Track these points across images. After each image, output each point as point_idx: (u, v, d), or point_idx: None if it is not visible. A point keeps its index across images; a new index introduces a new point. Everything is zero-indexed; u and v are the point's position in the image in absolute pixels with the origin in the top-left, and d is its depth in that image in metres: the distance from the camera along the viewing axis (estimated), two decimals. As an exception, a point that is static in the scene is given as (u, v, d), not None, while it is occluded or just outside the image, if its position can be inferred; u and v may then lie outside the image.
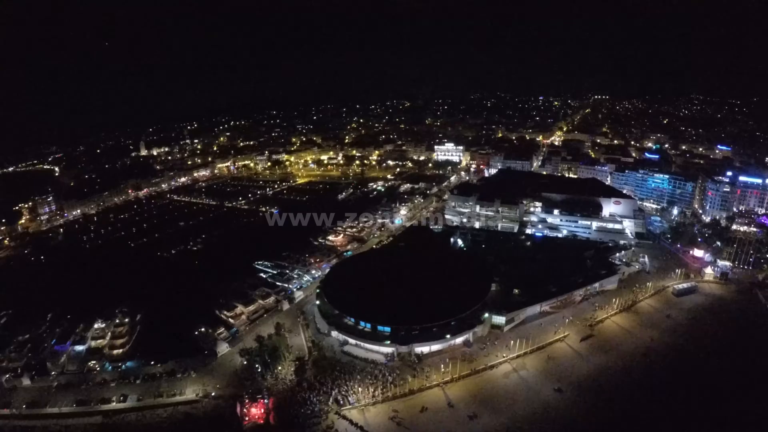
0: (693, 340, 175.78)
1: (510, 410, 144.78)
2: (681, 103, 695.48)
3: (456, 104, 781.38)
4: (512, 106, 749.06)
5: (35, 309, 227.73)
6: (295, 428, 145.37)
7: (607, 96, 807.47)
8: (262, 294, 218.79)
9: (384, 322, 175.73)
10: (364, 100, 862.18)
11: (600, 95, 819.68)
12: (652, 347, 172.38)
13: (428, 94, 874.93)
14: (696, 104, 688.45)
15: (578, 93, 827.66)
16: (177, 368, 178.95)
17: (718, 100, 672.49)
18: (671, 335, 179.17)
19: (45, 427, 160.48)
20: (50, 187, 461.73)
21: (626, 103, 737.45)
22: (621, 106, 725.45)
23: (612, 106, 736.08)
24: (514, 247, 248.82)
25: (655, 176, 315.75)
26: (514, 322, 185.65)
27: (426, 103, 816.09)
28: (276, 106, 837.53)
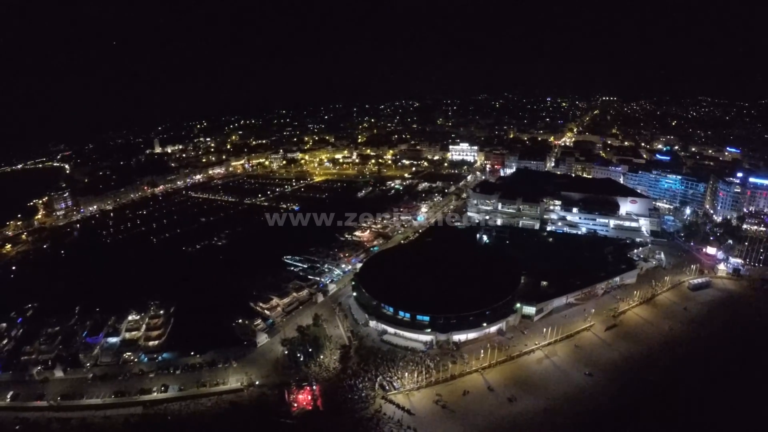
0: (708, 330, 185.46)
1: (545, 393, 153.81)
2: (689, 105, 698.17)
3: (465, 105, 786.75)
4: (521, 107, 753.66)
5: (61, 302, 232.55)
6: (344, 413, 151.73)
7: (615, 97, 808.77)
8: (296, 287, 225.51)
9: (423, 311, 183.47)
10: (372, 100, 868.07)
11: (607, 96, 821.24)
12: (671, 336, 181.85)
13: (437, 94, 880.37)
14: (704, 106, 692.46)
15: (585, 94, 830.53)
16: (217, 358, 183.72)
17: (726, 102, 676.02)
18: (688, 326, 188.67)
19: (83, 419, 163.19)
20: (64, 183, 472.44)
21: (634, 105, 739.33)
22: (629, 108, 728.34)
23: (620, 108, 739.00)
24: (538, 243, 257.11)
25: (668, 177, 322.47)
26: (543, 312, 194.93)
27: (435, 103, 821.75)
28: (285, 105, 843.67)
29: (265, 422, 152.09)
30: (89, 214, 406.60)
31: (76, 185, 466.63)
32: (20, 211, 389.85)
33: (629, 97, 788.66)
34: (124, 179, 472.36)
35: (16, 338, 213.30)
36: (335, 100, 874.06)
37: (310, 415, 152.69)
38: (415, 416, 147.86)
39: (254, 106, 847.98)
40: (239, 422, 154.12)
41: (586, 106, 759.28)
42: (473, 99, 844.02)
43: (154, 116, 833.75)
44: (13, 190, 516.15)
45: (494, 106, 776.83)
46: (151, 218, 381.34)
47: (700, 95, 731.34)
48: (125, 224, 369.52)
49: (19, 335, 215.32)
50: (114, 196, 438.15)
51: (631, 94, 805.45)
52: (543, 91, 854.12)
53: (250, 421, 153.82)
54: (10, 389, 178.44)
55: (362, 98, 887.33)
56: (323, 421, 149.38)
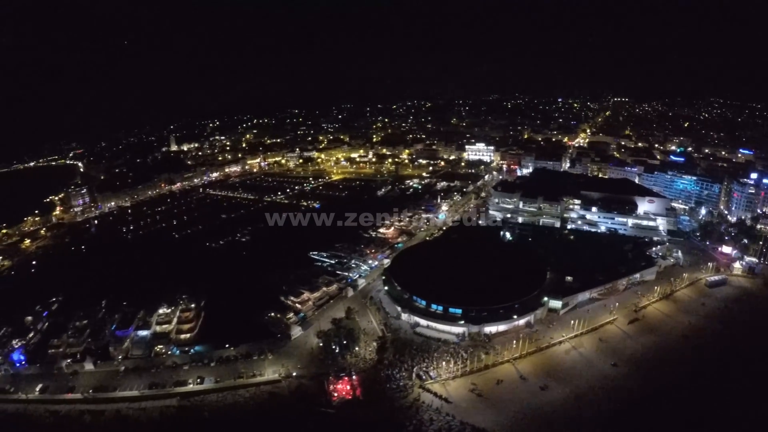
0: (726, 324, 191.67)
1: (574, 382, 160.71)
2: (701, 106, 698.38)
3: (477, 105, 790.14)
4: (532, 107, 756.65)
5: (86, 296, 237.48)
6: (383, 402, 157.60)
7: (626, 98, 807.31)
8: (326, 281, 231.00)
9: (455, 304, 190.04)
10: (384, 100, 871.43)
11: (619, 97, 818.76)
12: (690, 330, 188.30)
13: (448, 94, 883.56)
14: (716, 107, 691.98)
15: (596, 95, 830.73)
16: (252, 351, 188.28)
17: (738, 104, 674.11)
18: (707, 320, 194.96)
19: (117, 411, 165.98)
20: (81, 180, 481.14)
21: (646, 106, 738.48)
22: (640, 109, 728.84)
23: (632, 109, 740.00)
24: (559, 240, 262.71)
25: (683, 178, 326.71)
26: (569, 306, 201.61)
27: (446, 104, 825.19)
28: (296, 105, 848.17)
29: (305, 412, 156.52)
30: (107, 211, 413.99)
31: (93, 182, 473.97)
32: (37, 207, 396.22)
33: (640, 98, 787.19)
34: (141, 177, 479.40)
35: (42, 331, 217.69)
36: (346, 100, 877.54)
37: (350, 404, 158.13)
38: (452, 404, 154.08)
39: (265, 105, 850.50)
40: (279, 412, 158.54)
41: (598, 106, 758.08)
42: (485, 99, 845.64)
43: (166, 115, 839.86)
44: (29, 187, 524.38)
45: (506, 107, 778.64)
46: (170, 215, 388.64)
47: (711, 96, 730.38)
48: (144, 220, 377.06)
49: (44, 328, 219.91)
50: (131, 193, 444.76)
51: (642, 95, 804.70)
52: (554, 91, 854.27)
53: (291, 410, 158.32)
54: (39, 382, 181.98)
55: (373, 98, 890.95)
56: (363, 410, 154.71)
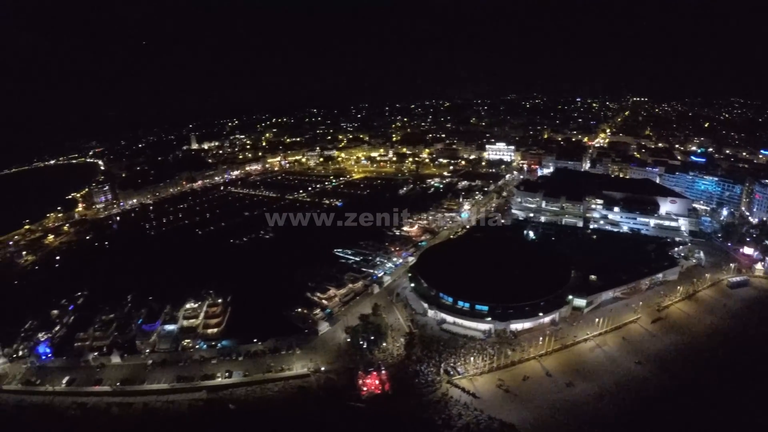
0: (747, 324, 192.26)
1: (599, 379, 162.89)
2: (721, 106, 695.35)
3: (495, 105, 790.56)
4: (551, 107, 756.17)
5: (111, 290, 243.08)
6: (412, 396, 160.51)
7: (646, 98, 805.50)
8: (351, 278, 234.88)
9: (482, 301, 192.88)
10: (402, 99, 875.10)
11: (638, 97, 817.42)
12: (713, 329, 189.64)
13: (466, 94, 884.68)
14: (736, 107, 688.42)
15: (615, 95, 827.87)
16: (280, 346, 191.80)
17: (759, 104, 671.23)
18: (729, 320, 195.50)
19: (145, 404, 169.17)
20: (103, 177, 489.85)
21: (665, 106, 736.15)
22: (660, 109, 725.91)
23: (651, 109, 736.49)
24: (582, 239, 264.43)
25: (704, 178, 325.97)
26: (593, 305, 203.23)
27: (465, 103, 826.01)
28: (315, 104, 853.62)
29: (335, 405, 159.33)
30: (129, 208, 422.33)
31: (115, 180, 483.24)
32: (59, 204, 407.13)
33: (660, 97, 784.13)
34: (163, 174, 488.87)
35: (68, 325, 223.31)
36: (364, 100, 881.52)
37: (380, 399, 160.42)
38: (480, 399, 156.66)
39: (284, 104, 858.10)
40: (309, 406, 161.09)
41: (617, 106, 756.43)
42: (503, 99, 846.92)
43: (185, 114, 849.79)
44: (50, 184, 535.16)
45: (524, 106, 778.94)
46: (192, 212, 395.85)
47: (732, 96, 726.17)
48: (167, 217, 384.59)
49: (70, 322, 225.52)
50: (153, 190, 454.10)
51: (661, 94, 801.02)
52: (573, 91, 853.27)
53: (320, 404, 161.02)
54: (65, 374, 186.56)
55: (392, 98, 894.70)
56: (393, 404, 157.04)
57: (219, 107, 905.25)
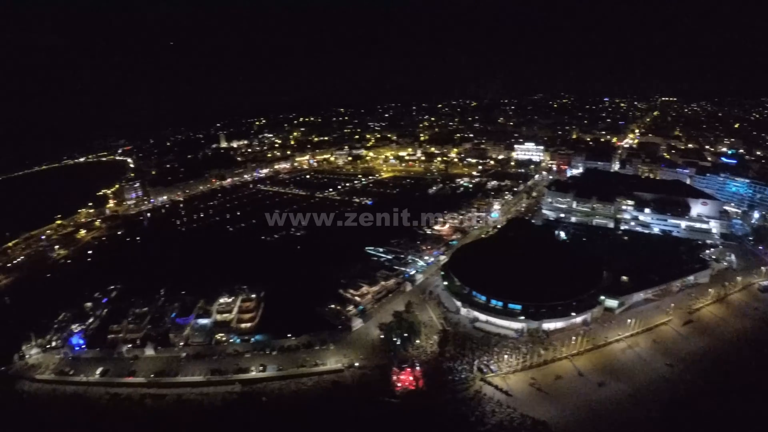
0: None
1: (631, 379, 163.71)
2: (751, 107, 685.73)
3: (523, 105, 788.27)
4: (579, 107, 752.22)
5: (144, 284, 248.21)
6: (445, 393, 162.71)
7: (674, 98, 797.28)
8: (384, 276, 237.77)
9: (515, 300, 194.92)
10: (427, 99, 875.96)
11: (666, 97, 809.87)
12: (744, 333, 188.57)
13: (493, 94, 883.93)
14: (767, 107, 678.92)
15: (644, 94, 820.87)
16: (313, 341, 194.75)
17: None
18: (760, 324, 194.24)
19: (179, 395, 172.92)
20: (133, 175, 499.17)
21: (695, 106, 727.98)
22: (689, 109, 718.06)
23: (680, 109, 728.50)
24: (614, 240, 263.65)
25: (735, 180, 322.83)
26: (624, 305, 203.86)
27: (492, 103, 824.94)
28: (342, 104, 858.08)
29: (369, 401, 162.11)
30: (159, 204, 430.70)
31: (145, 177, 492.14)
32: (90, 200, 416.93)
33: (689, 97, 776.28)
34: (192, 172, 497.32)
35: (101, 317, 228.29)
36: (391, 100, 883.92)
37: (413, 395, 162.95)
38: (513, 397, 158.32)
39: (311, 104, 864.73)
40: (343, 400, 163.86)
41: (646, 106, 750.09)
42: (530, 99, 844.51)
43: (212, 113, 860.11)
44: (81, 181, 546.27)
45: (552, 106, 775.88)
46: (222, 209, 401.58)
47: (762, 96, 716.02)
48: (197, 214, 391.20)
49: (104, 314, 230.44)
50: (183, 187, 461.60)
51: (690, 94, 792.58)
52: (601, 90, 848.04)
53: (354, 399, 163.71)
54: (99, 365, 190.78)
55: (418, 97, 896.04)
56: (427, 400, 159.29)
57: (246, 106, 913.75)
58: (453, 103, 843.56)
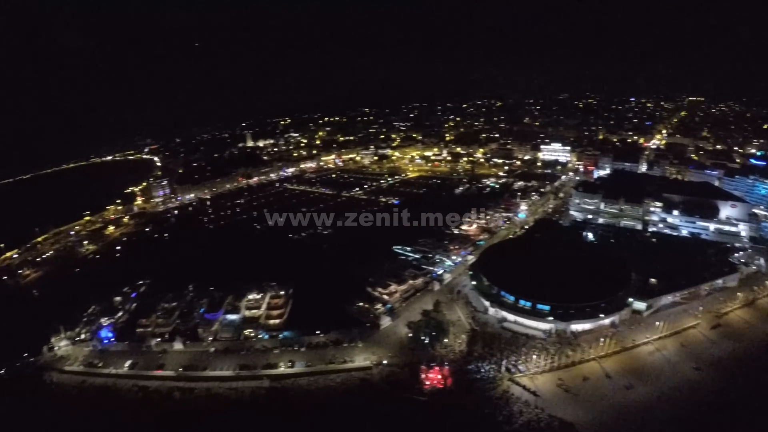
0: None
1: (659, 383, 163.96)
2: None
3: (548, 105, 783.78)
4: (605, 107, 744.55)
5: (173, 280, 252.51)
6: (473, 393, 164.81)
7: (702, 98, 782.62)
8: (412, 275, 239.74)
9: (544, 300, 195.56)
10: (453, 99, 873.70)
11: (694, 97, 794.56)
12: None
13: (518, 94, 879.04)
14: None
15: (670, 94, 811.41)
16: (342, 338, 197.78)
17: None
18: None
19: (207, 389, 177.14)
20: (161, 173, 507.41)
21: (722, 106, 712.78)
22: (717, 109, 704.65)
23: (707, 109, 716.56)
24: (642, 242, 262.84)
25: (765, 182, 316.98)
26: (652, 308, 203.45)
27: (517, 103, 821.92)
28: (367, 103, 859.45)
29: (397, 398, 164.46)
30: (186, 202, 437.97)
31: (172, 175, 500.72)
32: (118, 197, 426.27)
33: (716, 97, 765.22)
34: (219, 170, 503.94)
35: (130, 311, 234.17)
36: (415, 99, 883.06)
37: (442, 393, 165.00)
38: (540, 398, 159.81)
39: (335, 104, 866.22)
40: (371, 397, 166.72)
41: (672, 106, 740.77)
42: (556, 99, 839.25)
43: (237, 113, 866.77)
44: (108, 179, 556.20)
45: (577, 106, 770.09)
46: (249, 207, 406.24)
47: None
48: (225, 212, 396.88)
49: (132, 309, 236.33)
50: (210, 185, 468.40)
51: (718, 94, 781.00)
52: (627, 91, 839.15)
53: (382, 396, 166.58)
54: (128, 358, 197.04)
55: (443, 97, 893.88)
56: (455, 399, 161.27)
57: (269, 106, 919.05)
58: (478, 103, 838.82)
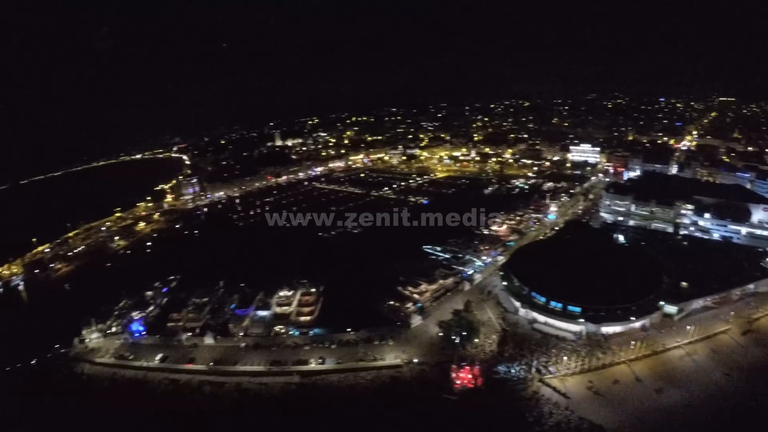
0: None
1: (688, 387, 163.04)
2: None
3: (576, 105, 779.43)
4: (634, 107, 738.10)
5: (203, 276, 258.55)
6: (503, 393, 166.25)
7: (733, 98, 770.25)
8: (442, 274, 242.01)
9: (575, 302, 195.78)
10: (481, 99, 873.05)
11: (724, 97, 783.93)
12: None
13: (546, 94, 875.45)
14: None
15: (701, 94, 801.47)
16: (372, 336, 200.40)
17: None
18: None
19: (238, 384, 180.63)
20: (190, 171, 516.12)
21: (754, 106, 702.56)
22: (748, 110, 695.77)
23: (739, 109, 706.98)
24: (673, 245, 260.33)
25: None
26: (683, 312, 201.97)
27: (545, 103, 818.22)
28: (394, 103, 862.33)
29: (427, 397, 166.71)
30: (216, 200, 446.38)
31: (201, 173, 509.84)
32: (149, 194, 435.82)
33: (748, 97, 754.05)
34: (248, 169, 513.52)
35: (161, 306, 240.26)
36: (443, 99, 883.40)
37: (472, 393, 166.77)
38: (570, 399, 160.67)
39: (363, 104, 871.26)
40: (401, 395, 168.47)
41: (703, 107, 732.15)
42: (584, 99, 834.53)
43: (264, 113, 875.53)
44: (138, 176, 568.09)
45: (606, 107, 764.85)
46: (278, 205, 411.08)
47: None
48: (254, 210, 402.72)
49: (164, 303, 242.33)
50: (239, 184, 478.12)
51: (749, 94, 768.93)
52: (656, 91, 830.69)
53: (412, 395, 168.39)
54: (158, 352, 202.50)
55: (471, 97, 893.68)
56: (485, 399, 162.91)
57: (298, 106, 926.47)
58: (506, 103, 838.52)
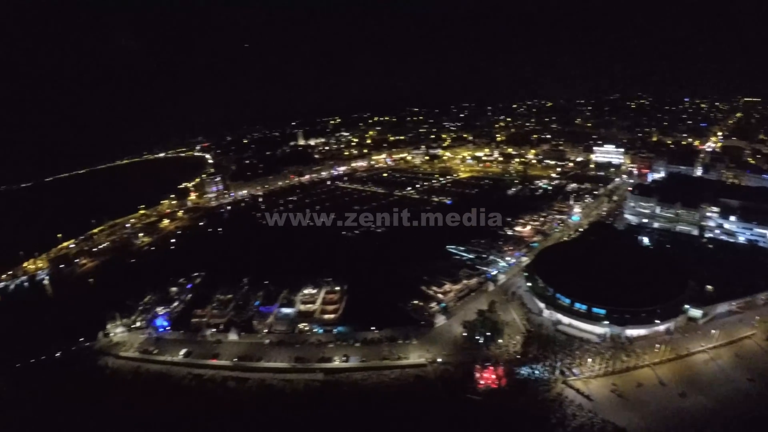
0: None
1: (712, 392, 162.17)
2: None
3: (599, 105, 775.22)
4: (658, 108, 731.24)
5: (227, 273, 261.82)
6: (527, 394, 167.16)
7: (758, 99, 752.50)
8: (466, 275, 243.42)
9: (600, 304, 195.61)
10: (502, 99, 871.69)
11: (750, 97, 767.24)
12: None
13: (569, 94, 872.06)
14: None
15: (725, 95, 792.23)
16: (396, 335, 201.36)
17: None
18: None
19: (261, 380, 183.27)
20: (214, 170, 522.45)
21: None
22: None
23: (764, 110, 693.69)
24: (698, 248, 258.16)
25: None
26: (708, 316, 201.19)
27: (568, 103, 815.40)
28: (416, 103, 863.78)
29: (451, 396, 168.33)
30: (239, 198, 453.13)
31: (225, 172, 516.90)
32: (172, 192, 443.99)
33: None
34: (271, 168, 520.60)
35: (186, 302, 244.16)
36: (465, 99, 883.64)
37: (495, 393, 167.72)
38: (593, 402, 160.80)
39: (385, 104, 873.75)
40: (425, 394, 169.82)
41: (728, 107, 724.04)
42: (607, 99, 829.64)
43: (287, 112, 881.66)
44: (162, 174, 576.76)
45: (629, 107, 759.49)
46: (302, 204, 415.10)
47: None
48: (277, 208, 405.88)
49: (188, 299, 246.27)
50: (262, 182, 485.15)
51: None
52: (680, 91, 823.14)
53: (436, 394, 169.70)
54: (183, 347, 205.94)
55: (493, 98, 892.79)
56: (508, 400, 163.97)
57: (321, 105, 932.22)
58: (528, 104, 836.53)
